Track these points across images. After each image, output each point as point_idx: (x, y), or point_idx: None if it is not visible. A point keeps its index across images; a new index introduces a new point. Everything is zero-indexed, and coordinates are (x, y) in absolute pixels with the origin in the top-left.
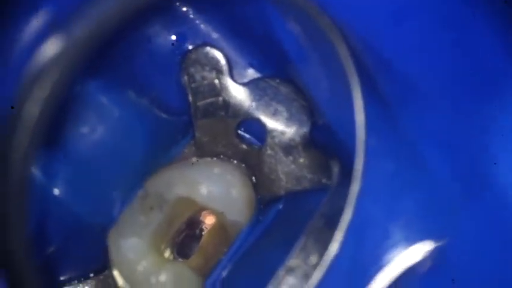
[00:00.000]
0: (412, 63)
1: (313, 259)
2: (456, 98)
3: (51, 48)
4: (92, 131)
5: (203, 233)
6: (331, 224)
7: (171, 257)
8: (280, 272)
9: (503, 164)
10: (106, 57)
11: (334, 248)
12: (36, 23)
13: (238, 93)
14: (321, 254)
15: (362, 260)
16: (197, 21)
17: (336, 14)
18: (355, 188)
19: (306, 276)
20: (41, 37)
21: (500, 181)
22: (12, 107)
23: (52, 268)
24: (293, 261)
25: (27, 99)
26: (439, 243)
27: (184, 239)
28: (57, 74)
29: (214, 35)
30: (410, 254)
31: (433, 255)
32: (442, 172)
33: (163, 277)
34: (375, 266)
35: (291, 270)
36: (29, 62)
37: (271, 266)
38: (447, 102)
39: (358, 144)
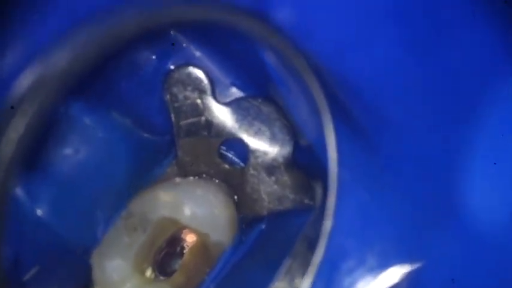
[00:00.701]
0: (381, 89)
1: (297, 282)
2: (429, 124)
3: (30, 77)
4: (75, 152)
5: (184, 251)
6: (315, 246)
7: (153, 276)
8: None
9: (473, 189)
10: (88, 79)
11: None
12: (14, 52)
13: (220, 113)
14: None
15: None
16: (179, 41)
17: (301, 43)
18: (327, 225)
19: None
20: (20, 66)
21: (470, 205)
22: (12, 107)
23: (35, 287)
24: (278, 284)
25: (5, 126)
26: (415, 266)
27: (165, 256)
28: (37, 102)
29: (197, 55)
30: (386, 277)
31: (408, 278)
32: (415, 198)
33: None
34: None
35: None
36: (9, 89)
37: (253, 286)
38: (420, 129)
39: (331, 181)
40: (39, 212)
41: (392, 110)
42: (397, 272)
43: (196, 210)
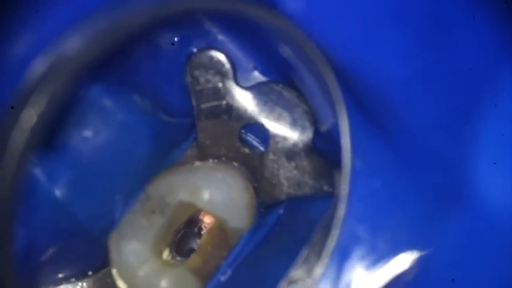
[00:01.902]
0: (389, 81)
1: (315, 271)
2: (437, 114)
3: (47, 59)
4: (95, 134)
5: (202, 232)
6: None
7: (170, 256)
8: (283, 284)
9: (483, 175)
10: (109, 62)
11: (318, 271)
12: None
13: (242, 97)
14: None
15: (347, 274)
16: (202, 24)
17: (310, 33)
18: (340, 212)
19: None
20: (36, 50)
21: (479, 193)
22: (12, 107)
23: (51, 266)
24: (295, 273)
25: (24, 105)
26: (424, 252)
27: (183, 237)
28: (53, 85)
29: (219, 38)
30: (397, 263)
31: (418, 264)
32: (426, 185)
33: (164, 281)
34: (360, 278)
35: (293, 282)
36: (27, 69)
37: (270, 273)
38: (428, 119)
39: (344, 169)
40: (57, 193)
41: (401, 101)
42: (407, 258)
43: (215, 195)
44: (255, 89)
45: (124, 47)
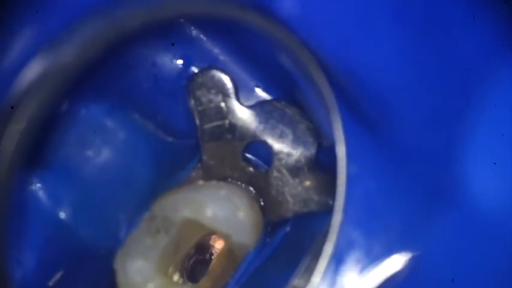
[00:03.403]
0: (385, 83)
1: (314, 279)
2: (432, 116)
3: (36, 70)
4: (97, 154)
5: (212, 257)
6: None
7: (181, 281)
8: None
9: (479, 175)
10: (111, 81)
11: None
12: (19, 46)
13: (244, 115)
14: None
15: (342, 278)
16: (203, 44)
17: (304, 36)
18: (337, 219)
19: None
20: (24, 60)
21: (472, 195)
22: (12, 107)
23: None
24: (297, 281)
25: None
26: (417, 253)
27: (194, 263)
28: (40, 97)
29: (221, 58)
30: (389, 264)
31: (411, 264)
32: (420, 187)
33: None
34: (355, 282)
35: None
36: (22, 73)
37: (274, 286)
38: (423, 121)
39: (340, 176)
40: (61, 214)
41: (397, 103)
42: (400, 258)
43: (217, 212)
44: (257, 107)
45: (125, 67)
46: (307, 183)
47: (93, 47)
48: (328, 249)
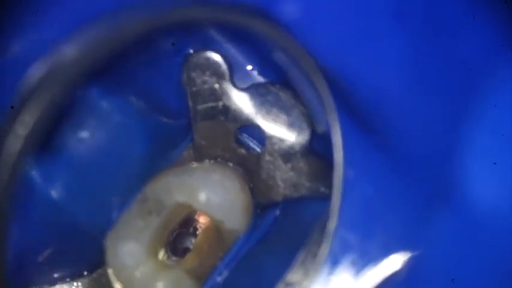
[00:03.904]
0: (383, 85)
1: (311, 274)
2: (430, 119)
3: (48, 63)
4: (91, 135)
5: (197, 232)
6: None
7: (165, 256)
8: (279, 286)
9: (474, 179)
10: (106, 64)
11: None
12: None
13: (238, 98)
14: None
15: (338, 280)
16: (199, 27)
17: (303, 38)
18: (332, 223)
19: None
20: (34, 55)
21: (470, 195)
22: (12, 107)
23: (47, 266)
24: (292, 276)
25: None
26: (416, 253)
27: (177, 236)
28: (54, 88)
29: (216, 39)
30: (388, 265)
31: (409, 265)
32: (418, 189)
33: (160, 283)
34: (351, 283)
35: (289, 285)
36: (26, 72)
37: (267, 274)
38: (421, 124)
39: (336, 180)
40: (54, 194)
41: (395, 105)
42: (399, 258)
43: (211, 197)
44: (252, 90)
45: (121, 50)
46: (299, 168)
47: (96, 52)
48: (323, 251)
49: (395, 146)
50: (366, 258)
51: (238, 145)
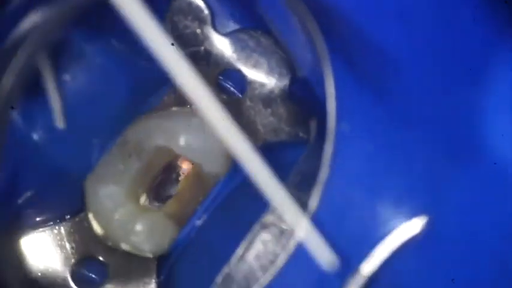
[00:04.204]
0: (387, 29)
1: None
2: (442, 67)
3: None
4: (72, 78)
5: (180, 178)
6: (307, 181)
7: (147, 202)
8: (255, 228)
9: (494, 127)
10: (89, 7)
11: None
12: None
13: (220, 43)
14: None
15: (347, 239)
16: None
17: None
18: (323, 174)
19: (281, 233)
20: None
21: (492, 146)
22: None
23: (28, 210)
24: (268, 217)
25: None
26: (431, 218)
27: (160, 183)
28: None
29: None
30: (405, 229)
31: (425, 228)
32: (431, 144)
33: (139, 225)
34: (363, 244)
35: (265, 227)
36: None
37: (246, 218)
38: (432, 72)
39: (329, 131)
40: (35, 136)
41: (400, 53)
42: (415, 223)
43: (191, 140)
44: (233, 35)
45: None
46: (279, 113)
47: None
48: (314, 203)
49: (399, 97)
50: (376, 220)
51: (219, 90)
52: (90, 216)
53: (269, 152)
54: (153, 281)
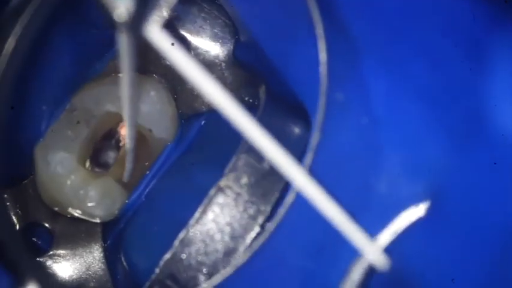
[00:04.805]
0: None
1: (243, 180)
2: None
3: None
4: (18, 45)
5: (120, 144)
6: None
7: (90, 168)
8: (211, 192)
9: (502, 106)
10: None
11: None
12: None
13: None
14: (250, 175)
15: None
16: None
17: None
18: (314, 139)
19: (238, 196)
20: None
21: (499, 124)
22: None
23: None
24: (223, 181)
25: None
26: (433, 197)
27: (100, 149)
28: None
29: None
30: (411, 212)
31: (429, 211)
32: (426, 124)
33: (91, 191)
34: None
35: (221, 190)
36: None
37: (195, 181)
38: (430, 47)
39: (320, 102)
40: None
41: (400, 23)
42: (419, 207)
43: (140, 106)
44: (176, 2)
45: None
46: (224, 78)
47: None
48: (306, 165)
49: (399, 72)
50: (372, 193)
51: (163, 57)
52: (39, 183)
53: (214, 117)
54: (99, 246)
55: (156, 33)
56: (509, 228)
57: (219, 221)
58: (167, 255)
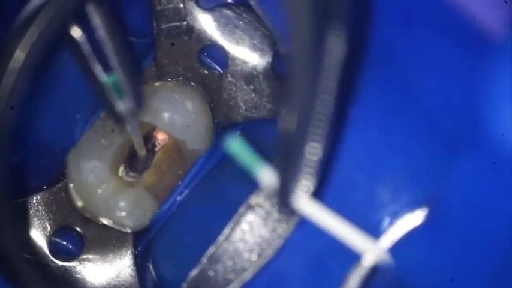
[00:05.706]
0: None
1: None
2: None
3: None
4: (56, 55)
5: (156, 149)
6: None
7: (124, 173)
8: (241, 209)
9: (496, 112)
10: None
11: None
12: None
13: (202, 19)
14: None
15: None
16: None
17: None
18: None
19: (268, 214)
20: None
21: (493, 131)
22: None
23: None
24: (254, 199)
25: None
26: (432, 202)
27: (136, 153)
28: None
29: None
30: (410, 219)
31: (427, 217)
32: (432, 130)
33: (122, 201)
34: (361, 223)
35: (251, 208)
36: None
37: (226, 195)
38: (437, 59)
39: None
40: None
41: (401, 31)
42: (414, 216)
43: (175, 117)
44: (216, 11)
45: None
46: (261, 90)
47: None
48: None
49: (403, 84)
50: (375, 202)
51: (201, 65)
52: (71, 189)
53: (250, 128)
54: (130, 253)
55: (305, 204)
56: (510, 230)
57: (248, 239)
58: (195, 271)
